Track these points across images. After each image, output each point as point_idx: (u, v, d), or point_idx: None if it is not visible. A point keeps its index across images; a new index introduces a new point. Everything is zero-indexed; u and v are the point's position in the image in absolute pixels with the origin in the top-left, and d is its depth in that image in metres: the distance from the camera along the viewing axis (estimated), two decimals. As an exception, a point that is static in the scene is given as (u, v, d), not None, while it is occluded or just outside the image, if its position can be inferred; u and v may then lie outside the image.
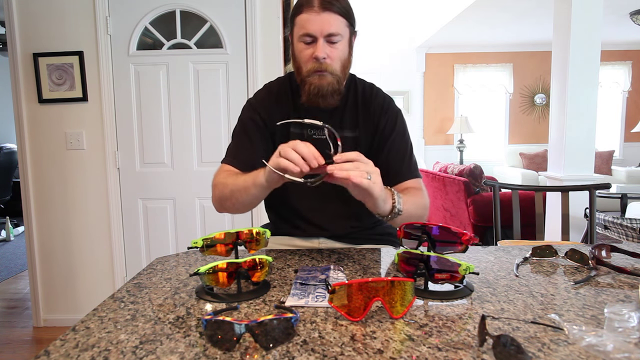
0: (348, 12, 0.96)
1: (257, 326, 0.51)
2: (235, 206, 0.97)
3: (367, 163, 0.77)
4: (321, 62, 0.94)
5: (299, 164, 0.75)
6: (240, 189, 0.92)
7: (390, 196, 0.86)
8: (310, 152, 0.75)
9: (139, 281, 0.77)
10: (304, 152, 0.75)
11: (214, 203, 1.03)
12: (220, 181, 0.99)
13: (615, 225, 2.37)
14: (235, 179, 0.95)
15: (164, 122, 2.24)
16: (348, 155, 0.77)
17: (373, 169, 0.77)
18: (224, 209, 1.02)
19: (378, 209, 0.83)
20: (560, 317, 0.59)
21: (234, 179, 0.95)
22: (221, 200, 0.99)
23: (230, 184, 0.95)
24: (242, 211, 1.00)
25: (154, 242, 2.31)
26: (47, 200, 2.27)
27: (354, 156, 0.77)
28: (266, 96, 1.09)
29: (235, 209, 0.99)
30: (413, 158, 1.07)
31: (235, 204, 0.96)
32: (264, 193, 0.91)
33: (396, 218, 0.87)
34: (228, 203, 0.98)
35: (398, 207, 0.86)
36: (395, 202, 0.86)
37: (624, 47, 6.11)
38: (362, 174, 0.75)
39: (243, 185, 0.92)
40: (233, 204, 0.96)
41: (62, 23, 2.17)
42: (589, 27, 2.45)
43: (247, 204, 0.96)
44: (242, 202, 0.95)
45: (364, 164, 0.77)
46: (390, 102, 1.08)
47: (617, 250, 0.90)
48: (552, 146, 2.66)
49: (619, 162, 6.14)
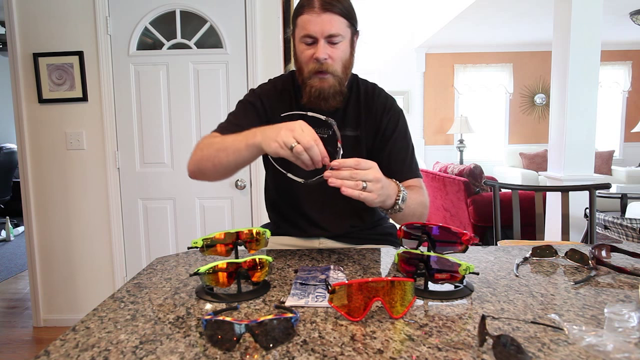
0: (349, 12, 0.96)
1: (257, 326, 0.51)
2: (215, 168, 0.90)
3: (367, 169, 0.76)
4: (322, 63, 0.94)
5: (308, 166, 0.76)
6: (227, 148, 0.87)
7: (395, 193, 0.85)
8: (320, 153, 0.75)
9: (139, 281, 0.77)
10: (314, 154, 0.75)
11: (190, 165, 0.95)
12: (204, 141, 0.94)
13: (615, 225, 2.37)
14: (224, 138, 0.89)
15: (164, 122, 2.24)
16: (347, 161, 0.76)
17: (372, 176, 0.76)
18: (199, 173, 0.95)
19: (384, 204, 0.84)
20: (560, 317, 0.59)
21: (222, 138, 0.90)
22: (201, 161, 0.92)
23: (217, 143, 0.89)
24: (219, 177, 0.94)
25: (154, 242, 2.31)
26: (47, 200, 2.27)
27: (353, 163, 0.75)
28: (271, 90, 1.09)
29: (214, 172, 0.92)
30: (414, 158, 1.08)
31: (216, 165, 0.89)
32: (254, 157, 0.86)
33: (397, 213, 0.88)
34: (208, 164, 0.91)
35: (400, 204, 0.86)
36: (398, 199, 0.85)
37: (624, 47, 6.11)
38: (356, 184, 0.74)
39: (232, 145, 0.86)
40: (214, 165, 0.89)
41: (62, 23, 2.17)
42: (589, 27, 2.45)
43: (229, 168, 0.90)
44: (225, 165, 0.88)
45: (363, 171, 0.75)
46: (392, 102, 1.08)
47: (617, 250, 0.90)
48: (552, 146, 2.66)
49: (619, 162, 6.14)
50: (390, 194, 0.83)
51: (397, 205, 0.86)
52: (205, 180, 0.97)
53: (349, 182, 0.75)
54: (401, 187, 0.87)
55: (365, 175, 0.75)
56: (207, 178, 0.96)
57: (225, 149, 0.87)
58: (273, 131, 0.78)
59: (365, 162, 0.77)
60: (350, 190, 0.74)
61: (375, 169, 0.78)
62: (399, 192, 0.86)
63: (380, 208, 0.88)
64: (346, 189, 0.74)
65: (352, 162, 0.76)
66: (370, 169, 0.77)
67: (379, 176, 0.77)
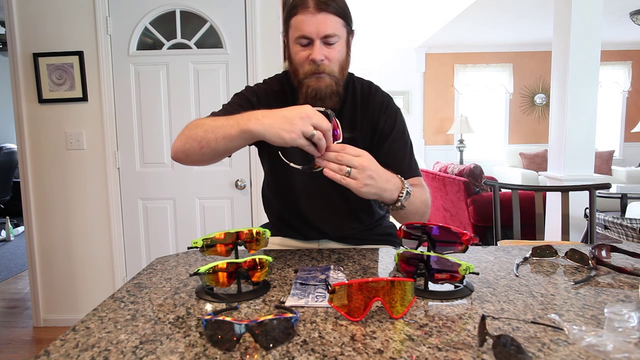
0: (344, 11, 0.94)
1: (257, 326, 0.51)
2: (201, 150, 0.84)
3: (355, 156, 0.75)
4: (318, 65, 0.92)
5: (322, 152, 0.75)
6: (216, 130, 0.81)
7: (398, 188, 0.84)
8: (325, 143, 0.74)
9: (139, 281, 0.77)
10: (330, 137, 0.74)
11: (174, 145, 0.90)
12: (193, 122, 0.89)
13: (615, 225, 2.37)
14: (214, 120, 0.84)
15: (164, 122, 2.24)
16: (333, 146, 0.75)
17: (358, 163, 0.74)
18: (183, 154, 0.89)
19: (381, 198, 0.82)
20: (560, 317, 0.59)
21: (212, 120, 0.85)
22: (187, 141, 0.86)
23: (207, 124, 0.84)
24: (204, 161, 0.89)
25: (154, 242, 2.31)
26: (47, 200, 2.27)
27: (338, 148, 0.75)
28: (267, 89, 1.07)
29: (199, 155, 0.86)
30: (413, 157, 1.06)
31: (203, 147, 0.84)
32: (245, 143, 0.82)
33: (400, 211, 0.86)
34: (194, 145, 0.85)
35: (402, 201, 0.84)
36: (401, 196, 0.83)
37: (624, 47, 6.11)
38: (340, 168, 0.74)
39: (222, 128, 0.80)
40: (200, 147, 0.84)
41: (62, 23, 2.17)
42: (589, 27, 2.45)
43: (217, 152, 0.85)
44: (213, 148, 0.83)
45: (348, 155, 0.74)
46: (389, 101, 1.06)
47: (617, 250, 0.90)
48: (552, 146, 2.66)
49: (619, 162, 6.14)
50: (389, 188, 0.81)
51: (399, 202, 0.84)
52: (188, 163, 0.92)
53: (333, 164, 0.74)
54: (406, 183, 0.85)
55: (350, 160, 0.74)
56: (191, 161, 0.90)
57: (214, 131, 0.82)
58: (283, 121, 0.73)
59: (353, 149, 0.75)
60: (332, 173, 0.74)
61: (365, 157, 0.76)
62: (403, 189, 0.84)
63: (382, 204, 0.86)
64: (329, 171, 0.74)
65: (339, 147, 0.75)
66: (359, 156, 0.75)
67: (366, 165, 0.75)
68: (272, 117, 0.76)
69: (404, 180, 0.86)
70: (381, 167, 0.80)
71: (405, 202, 0.84)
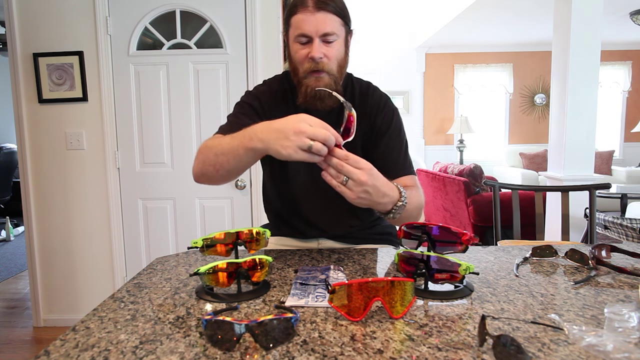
0: (343, 11, 0.95)
1: (257, 326, 0.51)
2: (218, 173, 0.88)
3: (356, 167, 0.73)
4: (317, 62, 0.93)
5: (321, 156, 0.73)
6: (226, 152, 0.83)
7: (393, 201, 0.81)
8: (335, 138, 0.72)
9: (139, 281, 0.77)
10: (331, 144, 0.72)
11: (194, 170, 0.94)
12: (204, 145, 0.92)
13: (615, 225, 2.37)
14: (220, 141, 0.86)
15: (164, 122, 2.24)
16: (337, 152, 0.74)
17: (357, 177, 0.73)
18: (204, 177, 0.93)
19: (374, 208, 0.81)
20: (560, 317, 0.59)
21: (219, 141, 0.87)
22: (203, 166, 0.90)
23: (216, 147, 0.87)
24: (224, 180, 0.92)
25: (154, 242, 2.31)
26: (47, 200, 2.27)
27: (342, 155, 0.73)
28: (267, 90, 1.08)
29: (217, 176, 0.90)
30: (408, 155, 1.06)
31: (219, 170, 0.87)
32: (255, 159, 0.83)
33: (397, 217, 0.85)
34: (210, 169, 0.88)
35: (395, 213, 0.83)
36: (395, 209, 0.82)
37: (624, 47, 6.11)
38: (337, 175, 0.74)
39: (230, 149, 0.83)
40: (216, 169, 0.87)
41: (62, 23, 2.17)
42: (589, 27, 2.45)
43: (232, 172, 0.87)
44: (227, 169, 0.86)
45: (349, 167, 0.73)
46: (387, 101, 1.07)
47: (617, 250, 0.90)
48: (552, 146, 2.66)
49: (619, 162, 6.14)
50: (383, 202, 0.79)
51: (391, 214, 0.83)
52: (212, 184, 0.95)
53: (332, 170, 0.74)
54: (403, 195, 0.83)
55: (349, 171, 0.73)
56: (213, 182, 0.93)
57: (225, 153, 0.84)
58: (277, 134, 0.73)
59: (356, 161, 0.74)
60: (329, 178, 0.74)
61: (366, 172, 0.74)
62: (399, 201, 0.82)
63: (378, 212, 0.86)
64: (326, 175, 0.74)
65: (342, 154, 0.73)
66: (361, 169, 0.73)
67: (364, 180, 0.73)
68: (268, 131, 0.75)
69: (402, 192, 0.83)
70: (381, 181, 0.77)
71: (397, 214, 0.83)
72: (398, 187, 0.84)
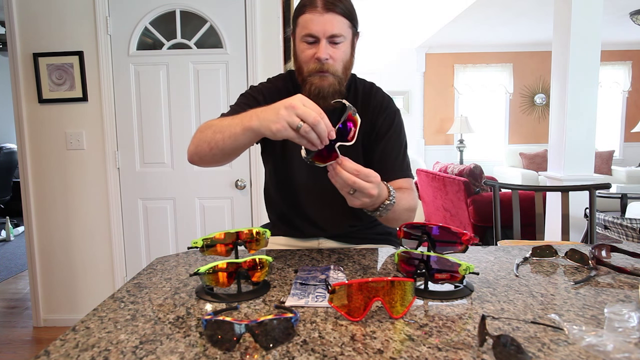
0: (351, 13, 0.96)
1: (257, 326, 0.51)
2: (212, 151, 0.87)
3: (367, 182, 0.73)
4: (323, 63, 0.94)
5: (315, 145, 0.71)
6: (224, 130, 0.83)
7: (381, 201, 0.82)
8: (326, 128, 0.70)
9: (139, 281, 0.77)
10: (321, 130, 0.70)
11: (189, 148, 0.93)
12: (203, 124, 0.92)
13: (615, 225, 2.37)
14: (221, 120, 0.86)
15: (164, 122, 2.24)
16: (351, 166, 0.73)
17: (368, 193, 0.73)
18: (197, 156, 0.92)
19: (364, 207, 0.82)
20: (560, 317, 0.59)
21: (219, 120, 0.87)
22: (198, 144, 0.90)
23: (215, 125, 0.87)
24: (216, 161, 0.91)
25: (154, 242, 2.31)
26: (47, 200, 2.27)
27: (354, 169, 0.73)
28: (272, 88, 1.08)
29: (211, 156, 0.89)
30: (406, 157, 1.06)
31: (213, 148, 0.86)
32: (251, 141, 0.82)
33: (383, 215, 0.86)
34: (205, 147, 0.88)
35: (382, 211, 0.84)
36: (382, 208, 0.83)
37: (624, 47, 6.11)
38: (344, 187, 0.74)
39: (228, 128, 0.82)
40: (210, 148, 0.86)
41: (62, 23, 2.17)
42: (589, 27, 2.45)
43: (226, 152, 0.86)
44: (221, 148, 0.85)
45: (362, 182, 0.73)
46: (389, 102, 1.08)
47: (617, 250, 0.90)
48: (552, 146, 2.66)
49: (619, 162, 6.14)
50: (374, 202, 0.80)
51: (377, 212, 0.84)
52: (203, 165, 0.94)
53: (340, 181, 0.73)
54: (392, 194, 0.84)
55: (362, 188, 0.73)
56: (205, 162, 0.92)
57: (222, 131, 0.83)
58: (271, 112, 0.72)
59: (367, 175, 0.74)
60: (339, 185, 0.75)
61: (374, 186, 0.74)
62: (387, 199, 0.83)
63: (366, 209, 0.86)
64: (336, 182, 0.75)
65: (354, 168, 0.73)
66: (372, 184, 0.74)
67: (374, 193, 0.74)
68: (265, 109, 0.75)
69: (391, 192, 0.84)
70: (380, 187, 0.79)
71: (384, 212, 0.84)
72: (387, 186, 0.85)
